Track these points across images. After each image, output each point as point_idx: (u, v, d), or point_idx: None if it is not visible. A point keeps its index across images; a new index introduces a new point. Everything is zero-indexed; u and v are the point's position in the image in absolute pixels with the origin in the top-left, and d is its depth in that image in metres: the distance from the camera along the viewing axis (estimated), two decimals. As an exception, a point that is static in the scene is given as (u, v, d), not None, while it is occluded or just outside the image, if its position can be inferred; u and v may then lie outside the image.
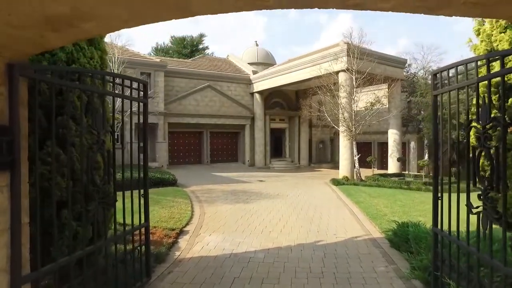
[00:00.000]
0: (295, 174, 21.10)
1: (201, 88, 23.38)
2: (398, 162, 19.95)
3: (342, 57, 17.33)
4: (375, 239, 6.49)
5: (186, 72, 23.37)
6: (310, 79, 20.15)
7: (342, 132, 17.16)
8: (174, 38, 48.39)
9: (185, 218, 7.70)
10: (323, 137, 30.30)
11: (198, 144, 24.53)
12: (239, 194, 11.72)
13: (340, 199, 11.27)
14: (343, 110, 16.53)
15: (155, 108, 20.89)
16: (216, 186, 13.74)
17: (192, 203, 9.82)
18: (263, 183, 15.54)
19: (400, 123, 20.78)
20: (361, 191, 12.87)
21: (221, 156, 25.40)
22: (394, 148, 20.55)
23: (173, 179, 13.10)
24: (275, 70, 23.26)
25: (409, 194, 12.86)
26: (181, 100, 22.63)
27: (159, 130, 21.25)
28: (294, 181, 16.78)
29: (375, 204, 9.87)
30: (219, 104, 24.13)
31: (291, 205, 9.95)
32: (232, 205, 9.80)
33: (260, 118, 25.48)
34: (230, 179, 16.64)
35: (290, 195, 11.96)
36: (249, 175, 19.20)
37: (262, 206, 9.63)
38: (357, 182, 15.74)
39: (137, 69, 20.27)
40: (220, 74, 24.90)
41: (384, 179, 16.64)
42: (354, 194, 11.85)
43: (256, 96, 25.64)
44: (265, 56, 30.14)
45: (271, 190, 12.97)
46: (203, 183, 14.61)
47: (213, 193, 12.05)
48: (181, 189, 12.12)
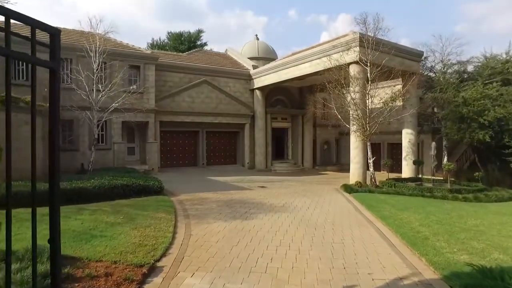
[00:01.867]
0: (300, 178, 19.09)
1: (196, 83, 21.38)
2: (415, 165, 17.94)
3: (355, 47, 15.33)
4: (430, 283, 4.48)
5: (180, 66, 21.37)
6: (317, 72, 18.14)
7: (355, 131, 15.15)
8: (171, 34, 46.49)
9: (162, 246, 5.69)
10: (327, 137, 28.31)
11: (193, 145, 22.52)
12: (237, 206, 9.70)
13: (359, 212, 9.26)
14: (356, 106, 14.52)
15: (145, 105, 18.89)
16: (210, 195, 11.73)
17: (177, 219, 7.81)
18: (264, 190, 13.53)
19: (416, 122, 18.77)
20: (381, 200, 10.86)
21: (218, 158, 23.38)
22: (409, 150, 18.54)
23: (158, 186, 11.08)
24: (278, 64, 21.26)
25: (437, 204, 10.86)
26: (174, 97, 20.62)
27: (149, 129, 19.25)
28: (300, 187, 14.77)
29: (406, 221, 7.86)
30: (216, 101, 22.12)
31: (302, 222, 7.93)
32: (227, 222, 7.79)
33: (260, 117, 23.47)
34: (227, 185, 14.63)
35: (298, 206, 9.95)
36: (249, 180, 17.19)
37: (264, 224, 7.62)
38: (372, 189, 13.73)
39: (124, 62, 18.29)
40: (218, 69, 22.90)
41: (401, 185, 14.67)
42: (375, 206, 9.84)
43: (257, 93, 23.64)
44: (266, 50, 28.15)
45: (275, 200, 10.96)
46: (195, 190, 12.61)
47: (206, 203, 10.04)
48: (167, 199, 10.10)
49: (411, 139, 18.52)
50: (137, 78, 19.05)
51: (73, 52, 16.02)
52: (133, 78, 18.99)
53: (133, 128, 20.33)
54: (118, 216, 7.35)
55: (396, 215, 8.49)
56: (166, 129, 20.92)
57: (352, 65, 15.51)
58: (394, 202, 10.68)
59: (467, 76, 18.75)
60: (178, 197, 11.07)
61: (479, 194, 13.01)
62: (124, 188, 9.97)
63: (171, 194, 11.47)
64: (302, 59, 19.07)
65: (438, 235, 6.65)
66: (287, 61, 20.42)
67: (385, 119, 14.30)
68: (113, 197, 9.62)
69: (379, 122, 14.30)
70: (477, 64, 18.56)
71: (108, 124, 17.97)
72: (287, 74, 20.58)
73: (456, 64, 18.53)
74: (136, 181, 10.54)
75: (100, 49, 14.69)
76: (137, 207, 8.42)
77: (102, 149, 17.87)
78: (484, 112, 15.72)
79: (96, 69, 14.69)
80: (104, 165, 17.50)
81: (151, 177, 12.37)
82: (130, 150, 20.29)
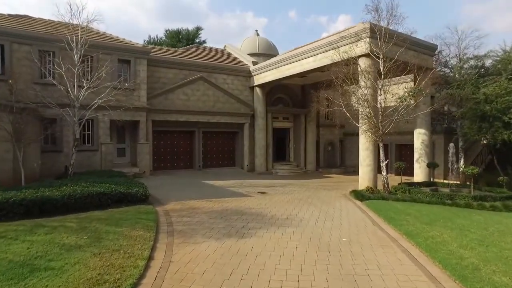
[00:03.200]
0: (303, 182, 17.61)
1: (192, 80, 19.91)
2: (429, 168, 16.46)
3: (365, 38, 13.88)
4: None
5: (174, 62, 19.90)
6: (322, 67, 16.68)
7: (365, 131, 13.68)
8: (169, 32, 45.12)
9: (128, 282, 4.20)
10: (331, 138, 26.85)
11: (189, 146, 21.04)
12: (232, 218, 8.22)
13: (378, 226, 7.77)
14: (367, 103, 13.04)
15: (135, 102, 17.44)
16: (203, 203, 10.25)
17: (157, 238, 6.33)
18: (265, 196, 12.05)
19: (430, 121, 17.30)
20: (399, 210, 9.37)
21: (216, 160, 21.89)
22: (422, 151, 17.04)
23: (143, 193, 9.57)
24: (280, 59, 19.79)
25: (465, 215, 9.37)
26: (167, 94, 19.16)
27: (140, 129, 17.77)
28: (304, 193, 13.29)
29: (439, 240, 6.38)
30: (213, 99, 20.65)
31: (311, 242, 6.45)
32: (220, 241, 6.31)
33: (261, 116, 22.00)
34: (224, 191, 13.15)
35: (305, 218, 8.46)
36: (248, 184, 15.71)
37: (266, 245, 6.14)
38: (385, 196, 12.25)
39: (113, 55, 16.83)
40: (215, 65, 21.43)
41: (416, 191, 13.20)
42: (395, 218, 8.35)
43: (257, 90, 22.17)
44: (267, 46, 26.71)
45: (277, 210, 9.48)
46: (187, 197, 11.13)
47: (197, 215, 8.56)
48: (152, 210, 8.61)
49: (425, 140, 17.03)
50: (128, 74, 17.59)
51: (55, 44, 14.54)
52: (123, 73, 17.53)
53: (124, 127, 18.87)
54: (82, 235, 5.88)
55: (424, 231, 7.00)
56: (159, 129, 19.45)
57: (362, 58, 14.05)
58: (415, 212, 9.19)
59: (484, 71, 17.26)
60: (166, 206, 9.59)
61: (508, 202, 11.52)
62: (100, 197, 8.49)
63: (158, 203, 9.99)
64: (305, 53, 17.60)
65: (489, 262, 5.17)
66: (289, 56, 18.95)
67: (402, 117, 12.81)
68: (86, 208, 8.15)
69: (394, 120, 12.82)
70: (495, 58, 17.07)
71: (95, 123, 16.50)
72: (289, 70, 19.12)
73: (472, 59, 17.06)
74: (116, 188, 9.05)
75: (82, 40, 13.20)
76: (110, 222, 6.93)
77: (88, 150, 16.41)
78: (509, 110, 14.21)
79: (77, 62, 13.21)
80: (91, 168, 16.06)
81: (137, 183, 10.88)
82: (120, 152, 18.83)
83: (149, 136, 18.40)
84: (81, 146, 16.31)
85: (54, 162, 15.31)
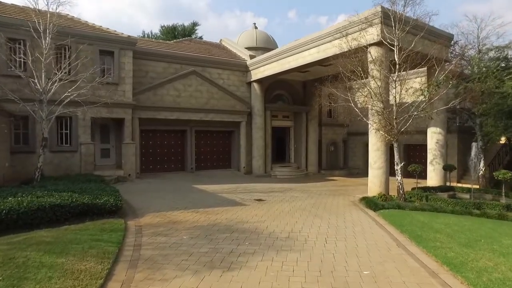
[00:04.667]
0: (305, 186, 15.92)
1: (183, 74, 18.22)
2: (445, 170, 14.78)
3: (377, 24, 12.21)
4: None
5: (164, 54, 18.20)
6: (326, 59, 15.02)
7: (377, 130, 12.00)
8: (164, 28, 43.44)
9: None
10: (334, 137, 25.18)
11: (180, 146, 19.34)
12: (220, 238, 6.52)
13: (405, 249, 6.06)
14: (379, 97, 11.36)
15: (119, 98, 15.76)
16: (187, 215, 8.56)
17: (112, 273, 4.62)
18: (263, 205, 10.35)
19: (445, 119, 15.63)
20: (424, 225, 7.68)
21: (210, 161, 20.18)
22: (437, 152, 15.35)
23: (113, 204, 7.85)
24: (279, 51, 18.10)
25: (504, 229, 7.70)
26: (156, 89, 17.45)
27: (125, 128, 16.06)
28: (307, 200, 11.60)
29: (498, 275, 4.68)
30: (207, 95, 18.95)
31: (323, 279, 4.75)
32: (198, 276, 4.62)
33: (259, 114, 20.30)
34: (215, 198, 11.46)
35: (311, 237, 6.77)
36: (243, 189, 14.03)
37: (260, 284, 4.45)
38: (401, 203, 10.56)
39: (94, 46, 15.14)
40: (209, 58, 19.74)
41: (435, 198, 11.54)
42: (423, 236, 6.66)
43: (255, 86, 20.48)
44: (265, 40, 25.02)
45: (276, 225, 7.79)
46: (170, 207, 9.45)
47: (175, 232, 6.86)
48: (120, 226, 6.89)
49: (439, 140, 15.35)
50: (111, 67, 15.88)
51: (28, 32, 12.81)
52: (106, 66, 15.84)
53: (108, 126, 17.19)
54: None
55: (469, 259, 5.32)
56: (147, 128, 17.76)
57: (372, 47, 12.36)
58: (444, 227, 7.50)
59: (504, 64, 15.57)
60: (141, 219, 7.89)
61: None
62: (55, 211, 6.79)
63: (133, 215, 8.30)
64: (308, 44, 15.91)
65: None
66: (290, 47, 17.26)
67: (424, 111, 11.11)
68: (36, 225, 6.47)
69: (414, 115, 11.13)
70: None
71: (74, 121, 14.81)
72: (289, 63, 17.44)
73: (493, 50, 15.37)
74: (78, 199, 7.34)
75: (51, 26, 11.50)
76: (55, 247, 5.22)
77: (65, 151, 14.71)
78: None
79: (46, 50, 11.50)
80: (69, 171, 14.37)
81: (111, 190, 9.17)
82: (104, 153, 17.14)
83: (135, 136, 16.70)
84: (58, 147, 14.65)
85: (25, 164, 13.61)
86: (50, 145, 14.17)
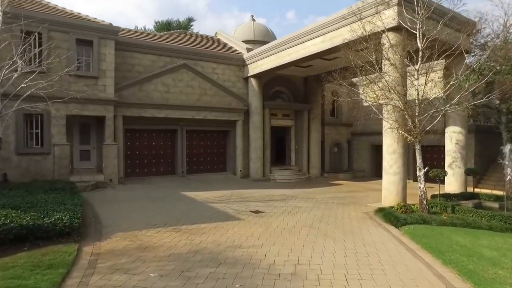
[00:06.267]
0: (308, 192, 14.15)
1: (173, 68, 16.44)
2: (468, 175, 13.06)
3: (394, 6, 10.48)
4: None
5: (152, 46, 16.42)
6: (333, 49, 13.25)
7: (395, 129, 10.27)
8: (158, 23, 41.65)
9: None
10: (338, 138, 23.43)
11: (170, 148, 17.55)
12: (199, 278, 4.72)
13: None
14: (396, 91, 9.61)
15: (99, 93, 13.99)
16: (164, 236, 6.79)
17: None
18: (260, 220, 8.57)
19: (467, 117, 13.91)
20: (470, 251, 5.92)
21: (203, 164, 18.38)
22: (457, 155, 13.62)
23: (66, 224, 5.99)
24: (279, 42, 16.33)
25: None
26: (142, 84, 15.67)
27: (106, 127, 14.26)
28: (313, 212, 9.83)
29: None
30: (199, 91, 17.18)
31: None
32: None
33: (257, 112, 18.54)
34: (204, 210, 9.68)
35: (325, 275, 4.98)
36: (239, 197, 12.26)
37: None
38: (426, 217, 8.79)
39: (70, 34, 13.36)
40: (202, 51, 17.96)
41: (463, 208, 9.80)
42: (479, 273, 4.90)
43: (252, 82, 18.71)
44: (264, 33, 23.24)
45: (278, 251, 6.03)
46: (147, 223, 7.68)
47: (142, 266, 5.09)
48: (65, 257, 5.08)
49: (460, 140, 13.62)
50: (90, 58, 14.10)
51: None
52: (85, 57, 14.05)
53: (89, 125, 15.41)
54: None
55: None
56: (133, 127, 15.97)
57: (389, 33, 10.61)
58: (497, 255, 5.76)
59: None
60: (103, 243, 6.11)
61: None
62: (-21, 237, 5.02)
63: (95, 236, 6.51)
64: (312, 33, 14.15)
65: None
66: (291, 37, 15.49)
67: (459, 106, 9.37)
68: None
69: (443, 111, 9.40)
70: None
71: (45, 119, 13.01)
72: (290, 55, 15.67)
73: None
74: (15, 219, 5.55)
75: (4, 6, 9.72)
76: None
77: (36, 154, 12.91)
78: None
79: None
80: (39, 176, 12.59)
81: (72, 203, 7.38)
82: (84, 155, 15.34)
83: (118, 136, 14.90)
84: (27, 148, 12.85)
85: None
86: (17, 147, 12.39)
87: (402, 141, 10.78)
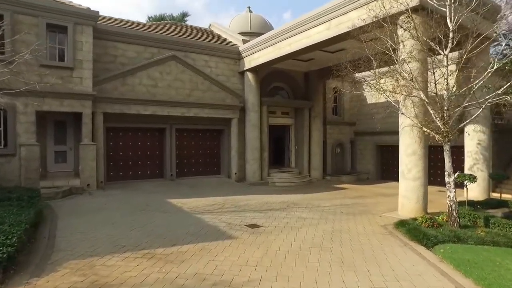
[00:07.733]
0: (312, 198, 12.55)
1: (160, 59, 14.77)
2: (493, 180, 11.56)
3: (414, -19, 8.91)
4: None
5: (137, 35, 14.74)
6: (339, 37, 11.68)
7: (414, 126, 8.71)
8: (152, 19, 39.90)
9: None
10: (340, 137, 21.89)
11: (158, 148, 15.87)
12: None
13: None
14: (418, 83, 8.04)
15: (75, 87, 12.31)
16: (130, 267, 5.16)
17: None
18: (257, 238, 6.95)
19: (489, 115, 12.42)
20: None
21: (195, 166, 16.72)
22: (479, 156, 12.15)
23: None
24: (279, 31, 14.70)
25: None
26: (126, 78, 13.99)
27: (84, 125, 12.57)
28: (321, 225, 8.23)
29: None
30: (190, 85, 15.52)
31: None
32: None
33: (254, 109, 16.92)
34: (190, 224, 8.04)
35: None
36: (233, 205, 10.62)
37: None
38: (459, 233, 7.22)
39: (39, 18, 11.66)
40: (194, 42, 16.29)
41: (501, 221, 8.25)
42: None
43: (248, 76, 17.09)
44: (261, 25, 21.64)
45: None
46: (115, 244, 6.06)
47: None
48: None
49: (482, 140, 12.15)
50: (65, 47, 12.43)
51: None
52: (58, 46, 12.38)
53: (66, 123, 13.73)
54: None
55: None
56: (116, 125, 14.29)
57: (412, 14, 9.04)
58: None
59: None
60: (40, 281, 4.46)
61: None
62: None
63: (36, 267, 4.87)
64: (316, 19, 12.56)
65: None
66: (291, 26, 13.89)
67: (505, 98, 7.78)
68: None
69: (485, 104, 7.83)
70: None
71: (10, 115, 11.30)
72: (290, 45, 14.07)
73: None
74: None
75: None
76: None
77: (-1, 156, 11.20)
78: None
79: None
80: (3, 181, 10.86)
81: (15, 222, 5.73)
82: (60, 157, 13.65)
83: (98, 135, 13.21)
84: (-13, 149, 11.14)
85: None
86: (-24, 147, 10.69)
87: (423, 141, 9.23)
